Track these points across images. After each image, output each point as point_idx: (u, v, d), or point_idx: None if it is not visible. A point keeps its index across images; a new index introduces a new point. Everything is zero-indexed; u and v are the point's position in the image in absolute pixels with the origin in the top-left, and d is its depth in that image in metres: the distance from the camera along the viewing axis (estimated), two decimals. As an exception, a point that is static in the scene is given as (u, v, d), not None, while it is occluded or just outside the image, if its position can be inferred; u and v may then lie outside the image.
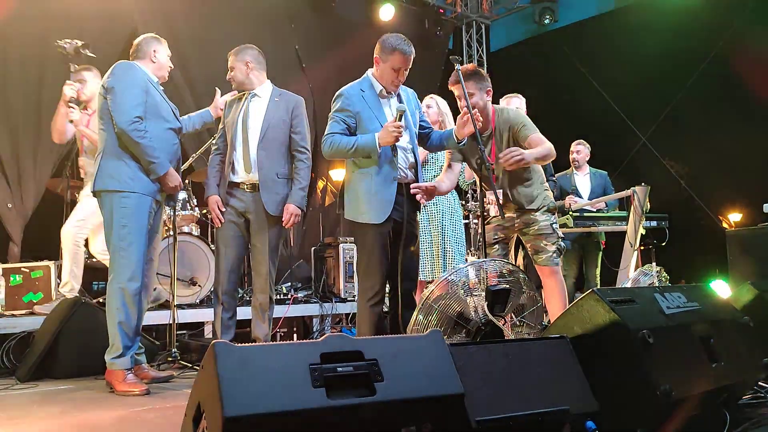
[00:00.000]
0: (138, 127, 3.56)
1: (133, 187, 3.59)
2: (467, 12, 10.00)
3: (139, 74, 3.70)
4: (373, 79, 3.51)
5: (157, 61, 3.84)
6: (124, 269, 3.55)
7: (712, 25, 7.60)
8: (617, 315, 2.18)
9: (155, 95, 3.73)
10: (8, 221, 5.87)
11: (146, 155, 3.59)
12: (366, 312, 3.40)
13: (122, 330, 3.53)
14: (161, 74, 3.88)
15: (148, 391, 3.47)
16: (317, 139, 8.18)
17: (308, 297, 6.03)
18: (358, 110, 3.40)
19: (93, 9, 6.13)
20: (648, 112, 8.19)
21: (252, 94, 4.08)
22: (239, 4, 7.61)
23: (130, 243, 3.56)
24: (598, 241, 6.01)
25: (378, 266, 3.40)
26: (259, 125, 4.02)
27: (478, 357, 2.05)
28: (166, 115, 3.77)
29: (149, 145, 3.58)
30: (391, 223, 3.41)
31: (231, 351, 1.67)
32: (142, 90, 3.64)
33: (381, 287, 3.42)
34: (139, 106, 3.60)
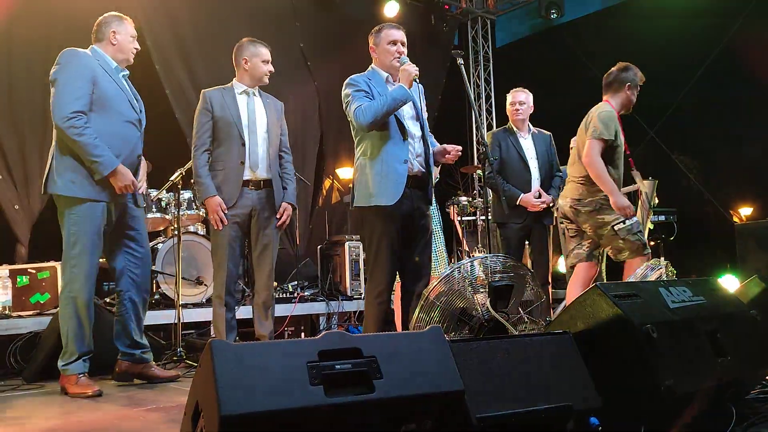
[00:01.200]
0: (75, 123, 3.30)
1: (78, 193, 3.39)
2: (472, 8, 9.96)
3: (84, 62, 3.43)
4: (376, 69, 3.53)
5: (117, 42, 3.59)
6: (75, 279, 3.43)
7: (719, 17, 7.53)
8: (620, 309, 2.15)
9: (106, 84, 3.46)
10: (15, 222, 5.89)
11: (86, 154, 3.33)
12: (373, 308, 3.35)
13: (75, 338, 3.46)
14: (122, 57, 3.60)
15: (100, 393, 3.43)
16: (323, 137, 8.30)
17: (315, 295, 6.03)
18: (369, 90, 3.38)
19: (97, 9, 6.12)
20: (655, 105, 8.12)
21: (253, 91, 4.07)
22: (243, 3, 7.60)
23: (80, 252, 3.41)
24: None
25: (387, 260, 3.33)
26: (264, 123, 4.03)
27: (479, 353, 2.02)
28: (118, 107, 3.49)
29: (88, 142, 3.31)
30: (400, 216, 3.34)
31: (228, 349, 1.66)
32: (87, 81, 3.38)
33: (389, 283, 3.35)
34: (79, 99, 3.33)
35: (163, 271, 5.16)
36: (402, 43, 3.47)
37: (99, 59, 3.55)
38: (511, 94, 4.96)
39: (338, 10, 8.38)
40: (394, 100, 3.26)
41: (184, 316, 4.53)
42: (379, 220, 3.32)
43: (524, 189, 4.71)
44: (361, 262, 6.21)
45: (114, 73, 3.56)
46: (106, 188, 3.46)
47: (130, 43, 3.64)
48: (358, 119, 3.29)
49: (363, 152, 3.43)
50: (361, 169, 3.43)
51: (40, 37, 5.97)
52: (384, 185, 3.30)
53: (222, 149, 3.93)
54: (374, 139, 3.38)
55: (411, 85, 3.32)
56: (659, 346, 2.10)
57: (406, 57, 3.44)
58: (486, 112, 10.08)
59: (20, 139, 5.92)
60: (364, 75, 3.49)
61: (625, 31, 8.43)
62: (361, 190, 3.41)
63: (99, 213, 3.45)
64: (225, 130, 3.93)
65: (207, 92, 4.01)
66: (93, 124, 3.39)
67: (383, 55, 3.47)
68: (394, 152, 3.33)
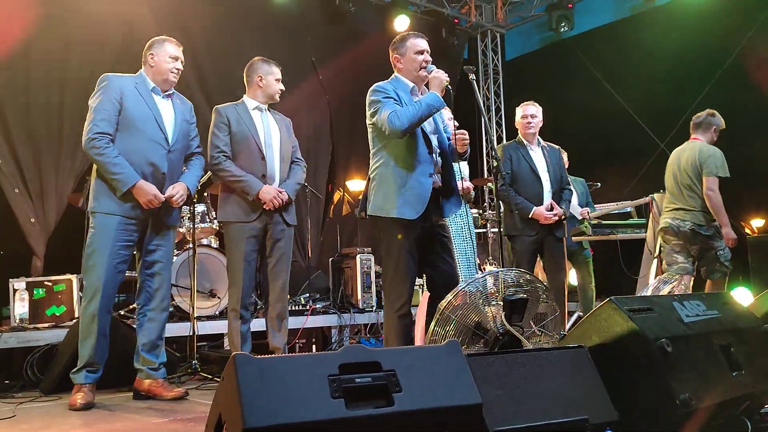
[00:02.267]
0: (96, 144, 3.47)
1: (95, 207, 3.55)
2: (482, 21, 10.03)
3: (113, 85, 3.57)
4: (401, 78, 3.48)
5: (155, 64, 3.71)
6: (87, 290, 3.54)
7: (728, 30, 7.55)
8: (635, 324, 2.18)
9: (134, 105, 3.58)
10: (31, 235, 5.96)
11: (107, 172, 3.49)
12: (393, 322, 3.28)
13: (82, 348, 3.53)
14: (160, 78, 3.71)
15: (89, 406, 3.44)
16: (334, 148, 8.36)
17: (326, 308, 6.05)
18: (398, 98, 3.34)
19: (112, 28, 6.25)
20: (666, 118, 8.12)
21: (264, 107, 4.12)
22: (256, 16, 7.71)
23: (93, 264, 3.51)
24: (587, 249, 5.96)
25: (407, 272, 3.27)
26: (278, 138, 4.09)
27: (496, 367, 2.05)
28: (143, 126, 3.59)
29: (108, 161, 3.47)
30: (418, 227, 3.31)
31: (251, 363, 1.69)
32: (113, 102, 3.53)
33: (409, 296, 3.29)
34: (103, 121, 3.49)
35: (177, 284, 5.21)
36: (428, 51, 3.45)
37: (138, 82, 3.69)
38: (522, 107, 4.98)
39: (349, 24, 8.46)
40: (429, 107, 3.22)
41: (198, 328, 4.56)
42: (399, 232, 3.28)
43: (536, 202, 4.72)
44: (373, 275, 6.23)
45: (148, 94, 3.67)
46: (126, 204, 3.55)
47: (167, 63, 3.71)
48: (393, 124, 3.19)
49: (385, 162, 3.37)
50: (384, 180, 3.35)
51: (57, 55, 6.08)
52: (409, 198, 3.26)
53: (240, 163, 3.96)
54: (400, 150, 3.32)
55: (443, 92, 3.29)
56: (674, 360, 2.13)
57: (433, 65, 3.42)
58: (496, 125, 10.12)
59: (36, 154, 6.01)
60: (390, 82, 3.45)
61: (635, 44, 8.46)
62: (381, 200, 3.33)
63: (114, 226, 3.52)
64: (243, 144, 3.97)
65: (221, 108, 4.06)
66: (118, 143, 3.54)
67: (409, 64, 3.43)
68: (421, 165, 3.31)
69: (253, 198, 3.88)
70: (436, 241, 3.41)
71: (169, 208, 3.71)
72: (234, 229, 3.96)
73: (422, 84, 3.47)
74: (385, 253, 3.36)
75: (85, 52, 6.17)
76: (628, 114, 8.48)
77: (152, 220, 3.68)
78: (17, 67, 5.92)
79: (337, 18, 8.33)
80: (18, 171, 5.93)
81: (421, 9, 9.33)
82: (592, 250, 6.01)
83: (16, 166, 5.91)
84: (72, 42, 6.17)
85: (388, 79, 3.49)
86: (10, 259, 5.71)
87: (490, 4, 10.03)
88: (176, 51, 3.79)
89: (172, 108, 3.77)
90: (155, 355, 3.74)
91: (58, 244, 6.03)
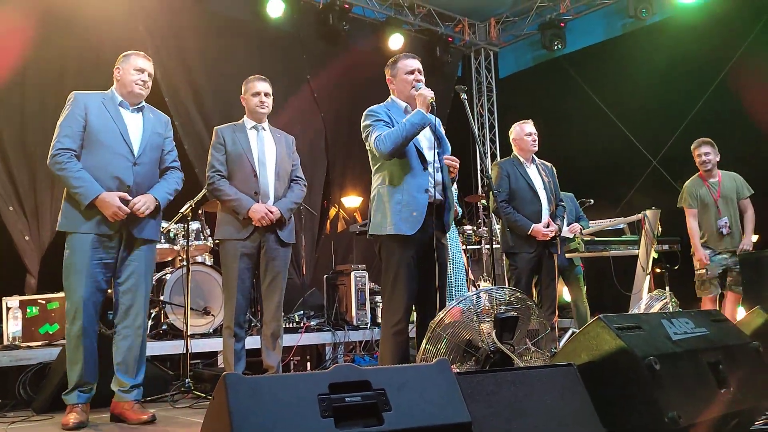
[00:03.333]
0: (57, 159, 3.44)
1: (62, 226, 3.51)
2: (475, 39, 10.12)
3: (78, 102, 3.55)
4: (395, 99, 3.56)
5: (120, 78, 3.67)
6: (69, 312, 3.48)
7: (719, 47, 7.64)
8: (623, 342, 2.20)
9: (99, 120, 3.55)
10: (26, 253, 5.96)
11: (69, 186, 3.45)
12: (390, 340, 3.30)
13: (70, 368, 3.49)
14: (125, 91, 3.65)
15: (82, 425, 3.40)
16: (329, 167, 8.40)
17: (321, 325, 6.05)
18: (389, 120, 3.39)
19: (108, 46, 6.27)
20: (658, 135, 8.20)
21: (262, 126, 4.17)
22: (252, 35, 7.78)
23: (70, 284, 3.47)
24: (578, 266, 5.98)
25: (403, 290, 3.30)
26: (273, 157, 4.11)
27: (486, 385, 2.07)
28: (107, 140, 3.54)
29: (69, 175, 3.42)
30: (418, 245, 3.34)
31: (241, 382, 1.71)
32: (77, 119, 3.51)
33: (406, 313, 3.30)
34: (66, 138, 3.47)
35: (171, 301, 5.21)
36: (419, 71, 3.50)
37: (106, 97, 3.66)
38: (520, 125, 4.99)
39: (344, 42, 8.54)
40: (413, 125, 3.27)
41: (192, 346, 4.56)
42: (397, 248, 3.33)
43: (535, 219, 4.75)
44: (367, 292, 6.24)
45: (114, 108, 3.63)
46: (94, 220, 3.48)
47: (131, 75, 3.65)
48: (379, 148, 3.28)
49: (382, 181, 3.45)
50: (379, 198, 3.43)
51: (53, 73, 6.12)
52: (404, 214, 3.31)
53: (235, 182, 4.00)
54: (394, 169, 3.39)
55: (429, 109, 3.33)
56: (662, 378, 2.14)
57: (422, 83, 3.48)
58: (490, 142, 10.19)
59: (32, 172, 6.02)
60: (383, 105, 3.53)
61: (627, 61, 8.56)
62: (379, 218, 3.40)
63: (88, 245, 3.46)
64: (237, 162, 4.02)
65: (219, 129, 4.13)
66: (83, 159, 3.50)
67: (401, 85, 3.51)
68: (415, 182, 3.36)
69: (243, 217, 3.90)
70: (433, 260, 3.39)
71: (138, 221, 3.59)
72: (228, 247, 3.99)
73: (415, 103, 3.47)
74: (384, 270, 3.39)
75: (81, 72, 6.20)
76: (620, 131, 8.55)
77: (125, 235, 3.59)
78: (13, 85, 5.95)
79: (331, 36, 8.40)
80: (13, 189, 5.94)
81: (416, 27, 9.43)
82: (583, 266, 6.03)
83: (10, 183, 5.93)
84: (67, 62, 6.22)
85: (384, 102, 3.55)
86: (3, 277, 5.69)
87: (484, 23, 10.13)
88: (143, 63, 3.71)
89: (141, 120, 3.71)
90: (128, 376, 3.61)
91: (52, 262, 6.00)
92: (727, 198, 5.62)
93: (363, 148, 3.56)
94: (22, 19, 5.95)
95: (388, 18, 8.97)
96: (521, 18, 9.85)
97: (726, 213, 5.56)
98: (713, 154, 5.67)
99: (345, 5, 8.33)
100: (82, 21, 6.26)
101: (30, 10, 6.03)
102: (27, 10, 6.01)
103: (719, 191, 5.59)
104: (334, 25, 8.26)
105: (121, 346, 3.62)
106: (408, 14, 9.24)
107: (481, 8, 9.79)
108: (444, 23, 9.65)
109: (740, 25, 7.57)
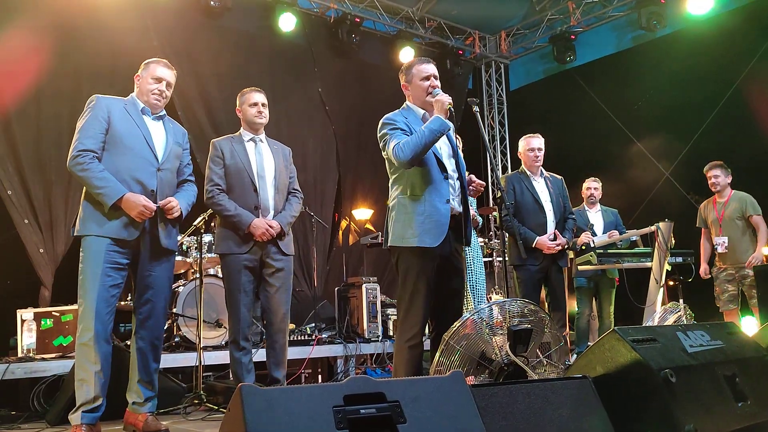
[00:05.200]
0: (79, 161, 3.35)
1: (81, 230, 3.41)
2: (486, 52, 10.16)
3: (100, 105, 3.50)
4: (411, 106, 3.46)
5: (139, 86, 3.67)
6: (81, 319, 3.36)
7: (731, 59, 7.63)
8: (639, 354, 2.19)
9: (122, 124, 3.50)
10: (40, 266, 6.01)
11: (91, 187, 3.35)
12: (404, 352, 3.22)
13: (79, 384, 3.34)
14: (144, 99, 3.64)
15: None
16: (340, 178, 8.42)
17: (332, 337, 6.05)
18: (407, 128, 3.31)
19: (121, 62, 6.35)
20: (670, 146, 8.19)
21: (259, 138, 4.17)
22: (264, 49, 7.85)
23: (85, 291, 3.34)
24: (612, 279, 5.98)
25: (422, 304, 3.22)
26: (272, 170, 4.09)
27: (500, 398, 2.06)
28: (131, 144, 3.49)
29: (93, 176, 3.33)
30: (438, 257, 3.26)
31: (257, 394, 1.71)
32: (100, 120, 3.45)
33: (422, 326, 3.23)
34: (88, 139, 3.40)
35: (184, 313, 5.22)
36: (435, 76, 3.41)
37: (128, 102, 3.64)
38: (525, 140, 5.00)
39: (355, 56, 8.60)
40: (432, 132, 3.16)
41: (204, 358, 4.56)
42: (418, 261, 3.24)
43: (539, 231, 4.75)
44: (379, 304, 6.24)
45: (137, 114, 3.61)
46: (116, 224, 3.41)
47: (149, 84, 3.64)
48: (398, 156, 3.17)
49: (402, 191, 3.35)
50: (401, 208, 3.32)
51: (67, 88, 6.19)
52: (428, 226, 3.22)
53: (234, 195, 3.98)
54: (415, 178, 3.29)
55: (447, 115, 3.22)
56: (678, 391, 2.13)
57: (439, 89, 3.39)
58: (501, 154, 10.19)
59: (47, 186, 6.08)
60: (400, 113, 3.44)
61: (638, 74, 8.56)
62: (401, 229, 3.28)
63: (103, 249, 3.35)
64: (236, 176, 4.00)
65: (216, 141, 4.11)
66: (105, 161, 3.44)
67: (417, 91, 3.42)
68: (437, 191, 3.28)
69: (244, 232, 3.90)
70: (451, 272, 3.35)
71: (165, 227, 3.54)
72: (229, 261, 3.95)
73: (432, 109, 3.37)
74: (401, 282, 3.30)
75: (95, 86, 6.24)
76: (632, 143, 8.54)
77: (149, 242, 3.51)
78: (28, 100, 6.03)
79: (343, 50, 8.46)
80: (28, 202, 6.00)
81: (426, 41, 9.48)
82: (617, 281, 6.00)
83: (26, 197, 5.99)
84: (82, 76, 6.29)
85: (399, 109, 3.47)
86: (18, 290, 5.75)
87: (494, 36, 10.17)
88: (162, 73, 3.67)
89: (163, 128, 3.69)
90: (143, 388, 3.56)
91: (66, 274, 6.04)
92: (731, 218, 5.86)
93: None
94: (37, 35, 6.04)
95: (399, 31, 9.02)
96: (532, 31, 9.88)
97: (727, 233, 5.84)
98: (723, 176, 5.94)
99: (356, 19, 8.40)
100: (97, 36, 6.35)
101: (45, 26, 6.11)
102: (42, 26, 6.10)
103: (724, 212, 5.87)
104: (346, 39, 8.33)
105: (137, 358, 3.56)
106: (418, 27, 9.28)
107: (492, 21, 9.83)
108: (454, 36, 9.69)
109: (751, 38, 7.56)
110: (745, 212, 5.81)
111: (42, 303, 5.80)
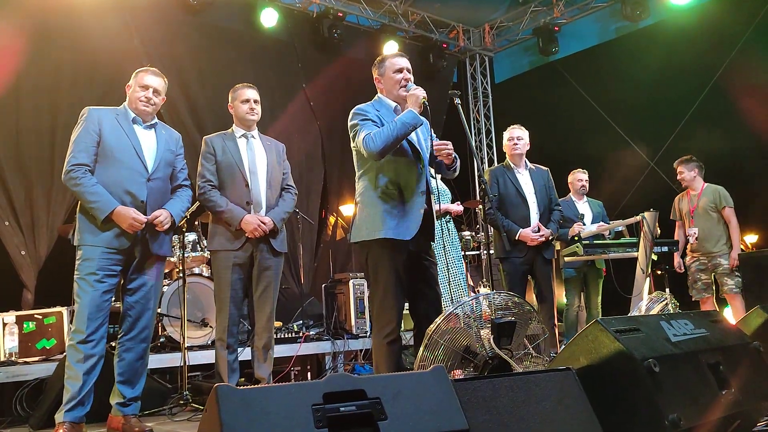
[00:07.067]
0: (72, 175, 3.46)
1: (79, 241, 3.52)
2: (470, 45, 10.14)
3: (92, 117, 3.57)
4: (383, 98, 3.42)
5: (128, 95, 3.72)
6: (74, 321, 3.48)
7: (713, 49, 7.66)
8: (622, 344, 2.17)
9: (112, 136, 3.56)
10: (22, 268, 5.94)
11: (85, 201, 3.48)
12: (383, 349, 3.17)
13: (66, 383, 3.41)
14: (133, 107, 3.68)
15: None
16: (326, 173, 8.38)
17: (320, 334, 6.01)
18: (378, 120, 3.26)
19: (103, 59, 6.29)
20: (655, 136, 8.21)
21: (251, 134, 4.14)
22: (246, 45, 7.79)
23: (80, 296, 3.46)
24: (600, 269, 5.99)
25: (394, 299, 3.17)
26: (264, 166, 4.08)
27: (483, 391, 2.04)
28: (121, 156, 3.56)
29: (85, 190, 3.44)
30: (408, 251, 3.21)
31: (233, 394, 1.68)
32: (91, 134, 3.53)
33: (398, 321, 3.19)
34: (80, 153, 3.49)
35: (168, 313, 5.18)
36: (408, 70, 3.39)
37: (119, 113, 3.68)
38: (508, 131, 5.05)
39: (339, 51, 8.55)
40: (404, 125, 3.11)
41: (190, 358, 4.52)
42: (388, 255, 3.18)
43: (523, 224, 4.75)
44: (366, 300, 6.21)
45: (128, 124, 3.64)
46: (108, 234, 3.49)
47: (136, 93, 3.67)
48: (369, 147, 3.12)
49: (370, 185, 3.27)
50: (371, 201, 3.25)
51: (47, 87, 6.12)
52: (402, 217, 3.18)
53: (226, 192, 3.97)
54: (388, 170, 3.25)
55: (421, 109, 3.17)
56: (662, 380, 2.11)
57: (413, 83, 3.35)
58: (486, 147, 10.19)
59: (28, 186, 6.02)
60: (371, 104, 3.40)
61: (622, 64, 8.57)
62: (370, 222, 3.21)
63: (97, 255, 3.46)
64: (228, 172, 3.98)
65: (208, 138, 4.09)
66: (97, 174, 3.52)
67: (389, 84, 3.38)
68: (413, 183, 3.25)
69: (235, 228, 3.88)
70: (421, 267, 3.32)
71: (155, 238, 3.62)
72: (220, 258, 3.95)
73: (405, 103, 3.31)
74: (372, 278, 3.24)
75: (75, 85, 6.21)
76: (617, 133, 8.56)
77: (141, 250, 3.59)
78: (7, 100, 5.95)
79: (326, 44, 8.41)
80: (8, 203, 5.93)
81: (410, 34, 9.45)
82: (605, 272, 6.02)
83: (6, 198, 5.93)
84: (62, 76, 6.22)
85: (371, 101, 3.43)
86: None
87: (478, 29, 10.15)
88: (149, 80, 3.70)
89: (154, 137, 3.72)
90: (128, 389, 3.60)
91: (49, 276, 6.00)
92: (705, 209, 5.94)
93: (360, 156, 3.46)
94: (15, 34, 5.96)
95: (383, 25, 8.99)
96: (515, 23, 9.88)
97: (699, 224, 5.93)
98: (686, 171, 6.07)
99: (339, 13, 8.35)
100: (77, 35, 6.27)
101: (23, 24, 6.04)
102: (20, 24, 6.02)
103: (697, 203, 5.99)
104: (329, 34, 8.28)
105: (124, 357, 3.62)
106: (402, 21, 9.25)
107: (475, 14, 9.81)
108: (438, 29, 9.66)
109: (733, 27, 7.59)
110: (719, 204, 5.90)
111: (24, 306, 5.74)
